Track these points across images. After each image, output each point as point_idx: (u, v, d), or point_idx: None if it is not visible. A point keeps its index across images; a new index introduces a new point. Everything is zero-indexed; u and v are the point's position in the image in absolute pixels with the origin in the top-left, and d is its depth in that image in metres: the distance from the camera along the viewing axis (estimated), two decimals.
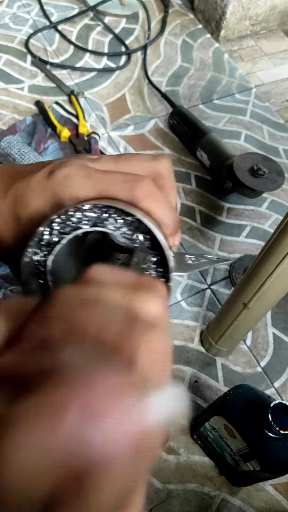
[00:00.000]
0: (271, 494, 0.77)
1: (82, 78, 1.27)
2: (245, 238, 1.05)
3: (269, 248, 0.62)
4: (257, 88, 1.34)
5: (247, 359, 0.90)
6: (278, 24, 1.51)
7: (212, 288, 0.97)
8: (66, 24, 1.38)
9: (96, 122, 1.19)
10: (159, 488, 0.76)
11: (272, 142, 1.23)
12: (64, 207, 0.26)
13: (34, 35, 1.33)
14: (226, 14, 1.35)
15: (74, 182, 0.26)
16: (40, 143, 1.09)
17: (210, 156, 1.08)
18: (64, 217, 0.25)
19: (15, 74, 1.25)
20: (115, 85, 1.27)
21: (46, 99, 1.20)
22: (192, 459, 0.79)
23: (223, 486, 0.77)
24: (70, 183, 0.26)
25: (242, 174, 0.97)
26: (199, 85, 1.31)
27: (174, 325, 0.92)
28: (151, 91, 1.27)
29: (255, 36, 1.50)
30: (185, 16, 1.48)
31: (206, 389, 0.86)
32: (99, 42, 1.36)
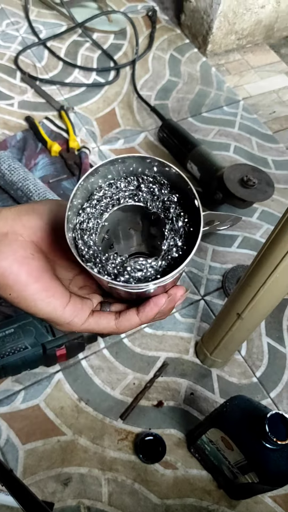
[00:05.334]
0: (270, 507, 0.76)
1: (71, 93, 1.28)
2: (237, 248, 1.05)
3: (261, 258, 0.62)
4: (244, 101, 1.36)
5: (243, 370, 0.89)
6: (264, 38, 1.54)
7: (205, 299, 0.97)
8: (54, 41, 1.39)
9: (86, 136, 1.20)
10: (157, 503, 0.75)
11: (261, 153, 1.24)
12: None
13: (23, 52, 1.34)
14: (213, 29, 1.38)
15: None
16: (30, 159, 1.10)
17: (200, 168, 1.09)
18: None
19: (4, 91, 1.25)
20: (105, 99, 1.28)
21: (36, 114, 1.21)
22: (189, 473, 0.78)
23: (222, 500, 0.76)
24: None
25: (232, 185, 0.98)
26: (187, 99, 1.33)
27: (168, 337, 0.91)
28: (140, 105, 1.29)
29: (241, 50, 1.52)
30: (172, 32, 1.50)
31: (202, 401, 0.85)
32: (88, 58, 1.37)
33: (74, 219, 0.29)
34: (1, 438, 0.77)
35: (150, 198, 0.29)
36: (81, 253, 0.29)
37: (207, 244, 1.05)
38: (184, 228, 0.29)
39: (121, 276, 0.28)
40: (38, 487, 0.74)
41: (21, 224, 0.29)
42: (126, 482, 0.76)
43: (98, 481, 0.76)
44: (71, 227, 0.28)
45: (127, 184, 0.29)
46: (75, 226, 0.29)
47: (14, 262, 0.28)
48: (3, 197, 1.03)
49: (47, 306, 0.29)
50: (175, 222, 0.29)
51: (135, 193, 0.29)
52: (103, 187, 0.29)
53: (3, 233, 0.29)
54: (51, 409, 0.81)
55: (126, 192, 0.29)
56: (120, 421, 0.81)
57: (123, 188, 0.29)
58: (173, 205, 0.29)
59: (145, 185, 0.29)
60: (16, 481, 0.53)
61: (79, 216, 0.29)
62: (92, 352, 0.88)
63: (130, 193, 0.29)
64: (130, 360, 0.88)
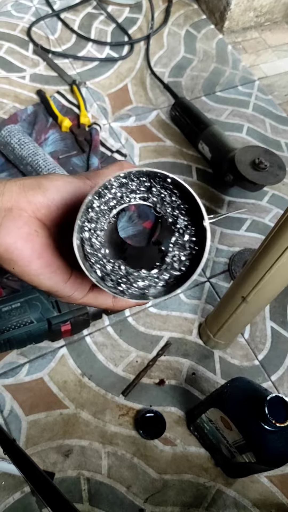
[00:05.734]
0: (266, 486, 0.78)
1: (84, 68, 1.26)
2: (245, 231, 1.05)
3: (269, 242, 0.62)
4: (260, 81, 1.33)
5: (245, 352, 0.90)
6: (283, 16, 1.49)
7: (211, 281, 0.98)
8: (68, 13, 1.36)
9: (97, 112, 1.18)
10: (155, 478, 0.76)
11: (274, 135, 1.22)
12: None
13: (36, 23, 1.31)
14: (231, 5, 1.34)
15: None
16: (40, 134, 1.09)
17: (211, 148, 1.08)
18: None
19: (16, 63, 1.24)
20: (117, 75, 1.26)
21: (48, 88, 1.19)
22: (188, 450, 0.79)
23: (219, 477, 0.77)
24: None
25: (243, 168, 0.97)
26: (202, 77, 1.30)
27: (172, 317, 0.92)
28: (153, 82, 1.26)
29: (259, 28, 1.48)
30: (189, 7, 1.46)
31: (204, 381, 0.86)
32: (101, 31, 1.34)
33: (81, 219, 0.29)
34: (5, 409, 0.79)
35: (160, 202, 0.29)
36: (86, 255, 0.29)
37: (215, 227, 1.04)
38: (190, 243, 0.28)
39: (123, 284, 0.29)
40: (39, 457, 0.76)
41: (26, 200, 0.29)
42: (126, 456, 0.78)
43: (98, 454, 0.77)
44: (79, 236, 0.28)
45: (139, 185, 0.28)
46: (82, 225, 0.29)
47: (18, 238, 0.28)
48: (12, 171, 1.03)
49: (49, 280, 0.30)
50: (182, 234, 0.28)
51: (146, 196, 0.29)
52: (114, 186, 0.28)
53: (8, 207, 0.29)
54: (55, 383, 0.82)
55: (137, 193, 0.29)
56: (121, 397, 0.82)
57: (134, 188, 0.29)
58: (181, 216, 0.28)
59: (156, 189, 0.28)
60: (19, 450, 0.54)
61: (87, 214, 0.29)
62: (97, 329, 0.88)
63: (141, 195, 0.29)
64: (133, 339, 0.88)
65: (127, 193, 0.29)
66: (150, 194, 0.28)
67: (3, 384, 0.81)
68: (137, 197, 0.29)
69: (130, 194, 0.29)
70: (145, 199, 0.29)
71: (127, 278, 0.29)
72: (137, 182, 0.28)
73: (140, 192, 0.29)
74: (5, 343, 0.76)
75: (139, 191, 0.29)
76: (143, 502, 0.74)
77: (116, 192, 0.28)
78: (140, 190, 0.29)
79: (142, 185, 0.28)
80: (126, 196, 0.29)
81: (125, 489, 0.75)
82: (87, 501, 0.74)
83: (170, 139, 1.17)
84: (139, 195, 0.29)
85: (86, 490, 0.74)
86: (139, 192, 0.29)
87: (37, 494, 0.51)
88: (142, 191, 0.29)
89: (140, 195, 0.29)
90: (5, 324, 0.75)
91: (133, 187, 0.28)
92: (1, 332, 0.75)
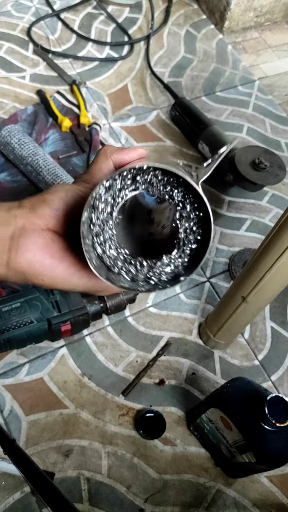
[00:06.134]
0: (266, 486, 0.78)
1: (84, 68, 1.26)
2: (245, 231, 1.05)
3: (269, 242, 0.62)
4: (260, 81, 1.33)
5: (245, 352, 0.90)
6: (283, 16, 1.49)
7: (211, 281, 0.98)
8: (68, 13, 1.36)
9: (97, 112, 1.18)
10: (155, 478, 0.76)
11: (274, 135, 1.22)
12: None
13: (36, 23, 1.31)
14: (231, 5, 1.34)
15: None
16: (40, 134, 1.09)
17: (211, 148, 1.08)
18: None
19: (16, 63, 1.24)
20: (117, 75, 1.26)
21: (48, 88, 1.19)
22: (188, 450, 0.79)
23: (219, 477, 0.77)
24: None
25: (243, 168, 0.97)
26: (202, 77, 1.30)
27: (172, 317, 0.92)
28: (153, 82, 1.26)
29: (259, 28, 1.48)
30: (189, 6, 1.46)
31: (204, 381, 0.86)
32: (101, 31, 1.34)
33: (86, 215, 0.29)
34: (5, 409, 0.79)
35: (150, 186, 0.29)
36: (109, 267, 0.30)
37: (215, 227, 1.04)
38: (193, 211, 0.29)
39: (153, 278, 0.30)
40: (39, 457, 0.76)
41: (36, 216, 0.31)
42: (126, 456, 0.78)
43: (98, 454, 0.77)
44: (88, 243, 0.29)
45: (122, 181, 0.29)
46: (90, 223, 0.29)
47: (36, 250, 0.30)
48: (12, 171, 1.03)
49: (80, 279, 0.31)
50: (183, 205, 0.29)
51: (134, 187, 0.29)
52: (101, 195, 0.29)
53: (21, 227, 0.30)
54: (55, 383, 0.82)
55: (125, 188, 0.29)
56: (121, 397, 0.82)
57: (120, 187, 0.29)
58: (175, 190, 0.29)
59: (140, 178, 0.29)
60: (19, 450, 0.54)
61: (91, 229, 0.29)
62: (97, 329, 0.88)
63: (130, 188, 0.29)
64: (133, 339, 0.88)
65: (116, 193, 0.29)
66: (137, 184, 0.29)
67: (3, 384, 0.81)
68: (127, 192, 0.29)
69: (119, 192, 0.29)
70: (136, 189, 0.29)
71: (152, 271, 0.29)
72: (120, 180, 0.29)
73: (128, 186, 0.29)
74: (5, 343, 0.76)
75: (126, 186, 0.29)
76: (143, 502, 0.74)
77: (107, 198, 0.29)
78: (126, 185, 0.29)
79: (125, 179, 0.29)
80: (116, 196, 0.29)
81: (125, 489, 0.75)
82: (87, 501, 0.74)
83: (170, 139, 1.17)
84: (128, 190, 0.29)
85: (86, 490, 0.74)
86: (126, 187, 0.29)
87: (37, 494, 0.51)
88: (128, 185, 0.29)
89: (129, 189, 0.29)
90: (5, 324, 0.75)
91: (119, 186, 0.29)
92: (1, 332, 0.75)
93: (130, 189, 0.29)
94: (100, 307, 0.82)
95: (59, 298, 0.79)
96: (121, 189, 0.29)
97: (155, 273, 0.30)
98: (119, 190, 0.29)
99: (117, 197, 0.29)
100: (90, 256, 0.29)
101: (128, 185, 0.29)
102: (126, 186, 0.29)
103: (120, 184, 0.29)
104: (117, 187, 0.29)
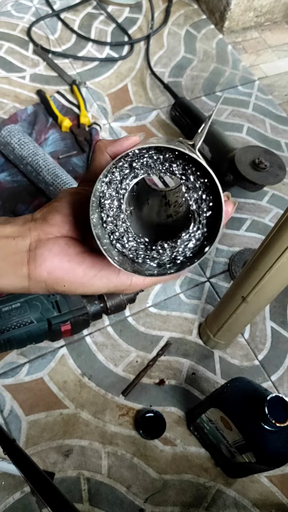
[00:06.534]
0: (266, 486, 0.78)
1: (84, 68, 1.26)
2: (245, 231, 1.05)
3: (269, 242, 0.62)
4: (260, 81, 1.33)
5: (245, 352, 0.90)
6: (283, 16, 1.49)
7: (211, 281, 0.98)
8: (68, 13, 1.36)
9: (97, 112, 1.18)
10: (155, 478, 0.76)
11: (274, 135, 1.22)
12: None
13: (36, 23, 1.31)
14: (231, 5, 1.34)
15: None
16: (40, 134, 1.09)
17: (211, 148, 1.08)
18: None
19: (16, 63, 1.24)
20: (117, 75, 1.26)
21: (48, 88, 1.19)
22: (188, 450, 0.79)
23: (219, 477, 0.77)
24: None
25: (243, 168, 0.97)
26: (202, 77, 1.30)
27: (172, 317, 0.92)
28: (153, 82, 1.26)
29: (259, 28, 1.48)
30: (189, 6, 1.46)
31: (204, 381, 0.86)
32: (101, 31, 1.34)
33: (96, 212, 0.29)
34: (5, 409, 0.79)
35: (148, 168, 0.29)
36: (133, 259, 0.30)
37: None
38: (198, 179, 0.28)
39: (179, 257, 0.29)
40: (39, 457, 0.76)
41: (49, 224, 0.31)
42: (126, 456, 0.78)
43: (98, 454, 0.77)
44: (106, 242, 0.29)
45: (121, 171, 0.29)
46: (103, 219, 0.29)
47: (53, 257, 0.30)
48: (12, 171, 1.03)
49: (101, 279, 0.31)
50: (187, 177, 0.28)
51: (134, 174, 0.29)
52: (103, 187, 0.29)
53: (35, 238, 0.31)
54: (55, 383, 0.82)
55: (126, 178, 0.29)
56: (121, 397, 0.82)
57: (119, 178, 0.29)
58: (174, 165, 0.28)
59: (136, 163, 0.29)
60: (19, 450, 0.54)
61: (101, 211, 0.29)
62: (97, 329, 0.88)
63: (130, 176, 0.29)
64: (133, 339, 0.88)
65: (118, 185, 0.29)
66: (135, 170, 0.29)
67: (3, 384, 0.81)
68: (128, 181, 0.29)
69: (121, 184, 0.29)
70: (136, 175, 0.29)
71: (176, 251, 0.29)
72: (118, 171, 0.29)
73: (127, 175, 0.29)
74: (5, 343, 0.76)
75: (126, 175, 0.29)
76: (143, 502, 0.74)
77: (111, 193, 0.29)
78: (126, 174, 0.29)
79: (123, 169, 0.29)
80: (119, 188, 0.29)
81: (125, 489, 0.75)
82: (87, 501, 0.74)
83: None
84: (129, 179, 0.29)
85: (86, 490, 0.74)
86: (126, 176, 0.29)
87: (37, 494, 0.51)
88: (127, 174, 0.29)
89: (129, 178, 0.29)
90: (5, 324, 0.75)
91: (119, 177, 0.29)
92: (1, 332, 0.75)
93: (131, 177, 0.29)
94: (100, 307, 0.82)
95: (59, 298, 0.79)
96: (122, 180, 0.29)
97: (179, 252, 0.29)
98: (120, 182, 0.29)
99: (120, 189, 0.29)
100: (111, 255, 0.28)
101: (128, 174, 0.29)
102: (126, 176, 0.29)
103: (120, 175, 0.29)
104: (118, 178, 0.29)
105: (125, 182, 0.29)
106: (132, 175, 0.29)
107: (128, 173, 0.29)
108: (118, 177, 0.29)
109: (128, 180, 0.29)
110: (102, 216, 0.29)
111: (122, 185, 0.29)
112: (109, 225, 0.29)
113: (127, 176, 0.29)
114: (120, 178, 0.29)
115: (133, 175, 0.29)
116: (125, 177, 0.29)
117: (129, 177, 0.29)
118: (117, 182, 0.29)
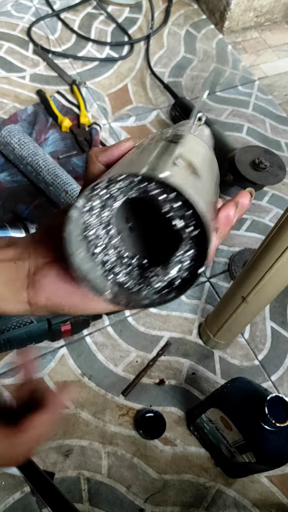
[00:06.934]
0: (266, 486, 0.78)
1: (84, 68, 1.26)
2: (245, 231, 1.05)
3: (269, 242, 0.62)
4: (260, 81, 1.33)
5: (245, 352, 0.90)
6: (283, 16, 1.50)
7: (211, 281, 0.98)
8: (68, 13, 1.36)
9: (97, 112, 1.18)
10: (155, 478, 0.76)
11: (274, 135, 1.22)
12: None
13: (36, 23, 1.31)
14: (231, 5, 1.34)
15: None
16: (40, 134, 1.09)
17: None
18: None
19: (16, 63, 1.24)
20: (117, 75, 1.26)
21: (48, 88, 1.19)
22: (188, 450, 0.79)
23: (219, 477, 0.77)
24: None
25: (243, 168, 0.97)
26: (202, 77, 1.30)
27: (172, 317, 0.92)
28: (153, 82, 1.26)
29: (259, 28, 1.48)
30: (189, 6, 1.46)
31: (204, 381, 0.86)
32: (101, 31, 1.34)
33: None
34: None
35: (127, 192, 0.26)
36: (132, 287, 0.28)
37: None
38: (180, 199, 0.25)
39: (177, 277, 0.27)
40: (39, 457, 0.76)
41: (44, 248, 0.31)
42: (126, 456, 0.78)
43: (98, 454, 0.77)
44: (100, 277, 0.28)
45: (101, 199, 0.26)
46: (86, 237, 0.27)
47: (50, 284, 0.30)
48: (12, 171, 1.03)
49: (99, 303, 0.31)
50: (166, 193, 0.25)
51: (110, 201, 0.27)
52: (90, 215, 0.27)
53: (34, 263, 0.31)
54: (55, 383, 0.82)
55: (105, 208, 0.27)
56: (121, 397, 0.82)
57: (100, 205, 0.27)
58: (149, 184, 0.25)
59: (113, 187, 0.26)
60: None
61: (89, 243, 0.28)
62: (97, 329, 0.88)
63: (108, 205, 0.27)
64: (133, 339, 0.88)
65: (99, 215, 0.27)
66: (115, 196, 0.26)
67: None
68: (111, 207, 0.27)
69: (101, 212, 0.27)
70: (116, 201, 0.27)
71: (168, 274, 0.27)
72: (99, 201, 0.27)
73: (107, 203, 0.27)
74: (5, 343, 0.76)
75: (105, 204, 0.27)
76: (143, 502, 0.74)
77: (88, 220, 0.27)
78: (103, 201, 0.27)
79: (101, 198, 0.27)
80: (100, 217, 0.27)
81: (125, 489, 0.75)
82: (87, 501, 0.74)
83: None
84: (109, 207, 0.27)
85: (86, 490, 0.74)
86: (106, 205, 0.27)
87: (37, 494, 0.51)
88: (106, 200, 0.27)
89: (110, 206, 0.27)
90: (5, 324, 0.75)
91: (99, 206, 0.27)
92: (1, 332, 0.75)
93: (111, 204, 0.27)
94: None
95: None
96: (103, 208, 0.27)
97: (174, 274, 0.27)
98: (101, 210, 0.27)
99: (102, 218, 0.27)
100: (103, 289, 0.27)
101: (107, 200, 0.27)
102: (105, 204, 0.27)
103: (100, 203, 0.27)
104: (96, 209, 0.27)
105: (106, 209, 0.27)
106: (111, 201, 0.27)
107: (107, 199, 0.26)
108: (98, 205, 0.27)
109: (109, 208, 0.27)
110: (89, 248, 0.27)
111: (103, 213, 0.27)
112: (98, 256, 0.28)
113: (107, 204, 0.27)
114: (101, 205, 0.27)
115: (112, 201, 0.27)
116: (106, 206, 0.27)
117: (110, 204, 0.27)
118: (97, 213, 0.27)
